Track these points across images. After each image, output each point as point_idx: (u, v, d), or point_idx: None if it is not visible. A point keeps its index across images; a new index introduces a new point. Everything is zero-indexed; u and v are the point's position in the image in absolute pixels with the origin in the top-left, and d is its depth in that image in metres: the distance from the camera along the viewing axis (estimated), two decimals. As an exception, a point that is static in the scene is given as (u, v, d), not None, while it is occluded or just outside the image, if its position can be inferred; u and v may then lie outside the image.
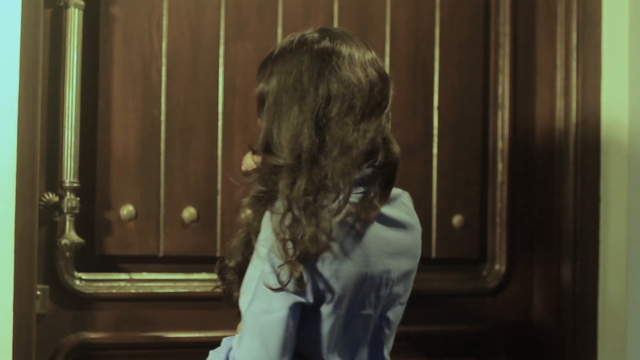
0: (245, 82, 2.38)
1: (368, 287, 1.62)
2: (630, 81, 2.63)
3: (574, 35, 2.64)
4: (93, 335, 2.27)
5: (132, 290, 2.30)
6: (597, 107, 2.64)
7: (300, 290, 1.54)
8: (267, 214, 1.57)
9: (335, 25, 2.45)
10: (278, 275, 1.53)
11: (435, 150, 2.55)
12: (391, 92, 1.67)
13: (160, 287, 2.33)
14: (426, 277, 2.52)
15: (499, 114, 2.63)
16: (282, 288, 1.53)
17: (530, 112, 2.66)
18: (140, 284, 2.32)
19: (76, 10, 2.21)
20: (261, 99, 1.67)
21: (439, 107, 2.57)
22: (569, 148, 2.63)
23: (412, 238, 1.71)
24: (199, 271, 2.36)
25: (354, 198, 1.60)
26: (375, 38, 2.49)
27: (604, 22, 2.65)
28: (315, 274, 1.56)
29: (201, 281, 2.35)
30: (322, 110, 1.59)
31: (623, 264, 2.63)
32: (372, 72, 1.63)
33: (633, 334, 2.60)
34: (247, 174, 1.68)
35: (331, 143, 1.57)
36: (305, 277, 1.54)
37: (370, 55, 1.65)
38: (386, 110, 1.65)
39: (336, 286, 1.57)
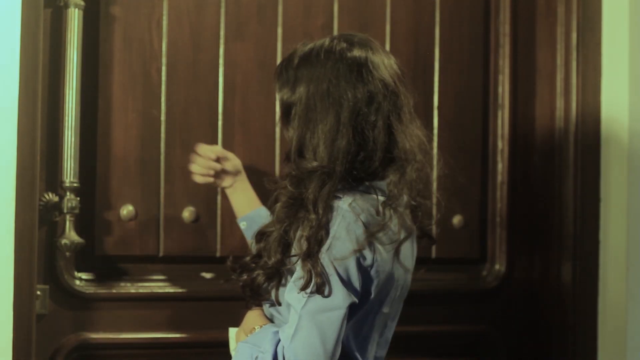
0: (245, 82, 2.38)
1: (393, 288, 1.70)
2: (630, 81, 2.63)
3: (574, 35, 2.64)
4: (93, 335, 2.26)
5: (132, 290, 2.30)
6: (597, 107, 2.64)
7: (354, 289, 1.61)
8: (330, 215, 1.62)
9: (335, 25, 2.45)
10: (338, 274, 1.59)
11: (435, 150, 2.55)
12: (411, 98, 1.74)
13: (160, 287, 2.33)
14: (426, 277, 2.53)
15: (499, 114, 2.63)
16: (348, 286, 1.59)
17: (530, 112, 2.66)
18: (140, 284, 2.31)
19: (76, 10, 2.21)
20: (287, 108, 1.72)
21: (439, 107, 2.57)
22: (569, 148, 2.63)
23: (414, 242, 1.80)
24: (199, 271, 2.36)
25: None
26: (375, 38, 2.45)
27: (604, 22, 2.65)
28: (365, 274, 1.63)
29: (201, 281, 2.35)
30: (361, 115, 1.65)
31: (623, 264, 2.63)
32: (398, 78, 1.71)
33: (633, 334, 2.60)
34: (277, 179, 1.74)
35: (379, 146, 1.66)
36: (359, 277, 1.61)
37: (393, 60, 1.74)
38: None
39: (375, 287, 1.65)
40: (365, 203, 1.65)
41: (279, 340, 1.64)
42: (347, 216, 1.62)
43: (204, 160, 2.12)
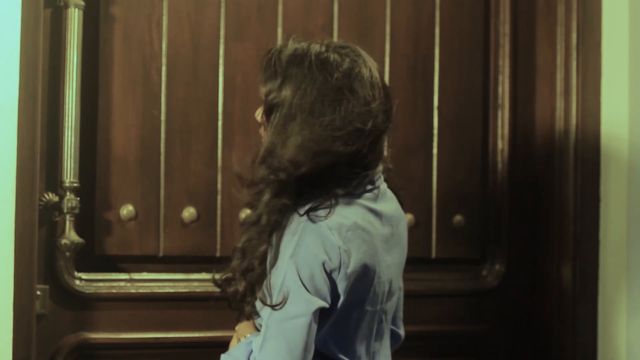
0: (245, 82, 2.38)
1: (375, 284, 1.67)
2: (630, 81, 2.63)
3: (574, 35, 2.64)
4: (93, 335, 2.26)
5: (132, 290, 2.30)
6: (597, 107, 2.64)
7: (322, 294, 1.60)
8: (292, 223, 1.61)
9: (335, 25, 2.45)
10: (301, 281, 1.58)
11: (435, 150, 2.55)
12: (393, 110, 1.73)
13: (160, 287, 2.33)
14: (426, 277, 2.53)
15: (499, 114, 2.63)
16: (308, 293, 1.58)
17: (530, 112, 2.66)
18: (140, 284, 2.32)
19: (76, 10, 2.21)
20: (270, 108, 1.71)
21: (439, 107, 2.57)
22: (569, 148, 2.63)
23: (402, 230, 1.78)
24: (199, 271, 2.36)
25: (363, 199, 1.67)
26: (375, 38, 2.49)
27: (604, 22, 2.65)
28: (332, 278, 1.61)
29: (201, 281, 2.35)
30: (334, 131, 1.63)
31: (623, 264, 2.63)
32: (383, 95, 1.68)
33: (633, 334, 2.60)
34: (250, 184, 1.70)
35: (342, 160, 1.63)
36: (327, 281, 1.60)
37: (378, 74, 1.70)
38: (388, 129, 1.71)
39: (347, 289, 1.62)
40: (337, 207, 1.64)
41: (252, 351, 1.64)
42: (310, 222, 1.61)
43: None
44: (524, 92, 2.65)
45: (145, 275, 2.33)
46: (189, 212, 2.33)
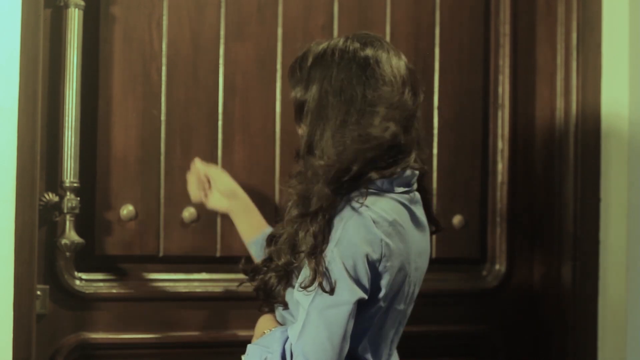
0: (245, 82, 2.38)
1: (405, 283, 1.71)
2: (630, 81, 2.63)
3: (574, 35, 2.64)
4: (93, 335, 2.26)
5: (132, 290, 2.30)
6: (597, 107, 2.64)
7: (362, 285, 1.62)
8: (338, 212, 1.64)
9: (335, 25, 2.45)
10: (346, 270, 1.60)
11: (435, 150, 2.55)
12: (421, 94, 1.76)
13: (160, 287, 2.33)
14: (426, 277, 2.51)
15: (499, 114, 2.63)
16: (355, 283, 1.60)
17: (530, 112, 2.66)
18: (140, 284, 2.31)
19: (76, 10, 2.21)
20: (300, 106, 1.75)
21: (439, 107, 2.57)
22: (569, 148, 2.63)
23: (427, 237, 1.82)
24: (199, 271, 2.36)
25: (401, 198, 1.71)
26: (375, 38, 2.49)
27: (604, 22, 2.65)
28: (373, 270, 1.64)
29: (201, 281, 2.35)
30: (369, 113, 1.66)
31: (623, 264, 2.63)
32: (408, 76, 1.73)
33: (633, 334, 2.60)
34: (288, 179, 1.75)
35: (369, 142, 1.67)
36: (368, 272, 1.62)
37: (403, 60, 1.76)
38: (417, 112, 1.75)
39: (385, 283, 1.66)
40: (376, 200, 1.67)
41: (287, 338, 1.65)
42: (356, 213, 1.63)
43: (194, 177, 2.14)
44: (524, 92, 2.65)
45: (145, 275, 2.33)
46: (189, 212, 2.33)
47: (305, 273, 1.64)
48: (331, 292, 1.59)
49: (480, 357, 2.62)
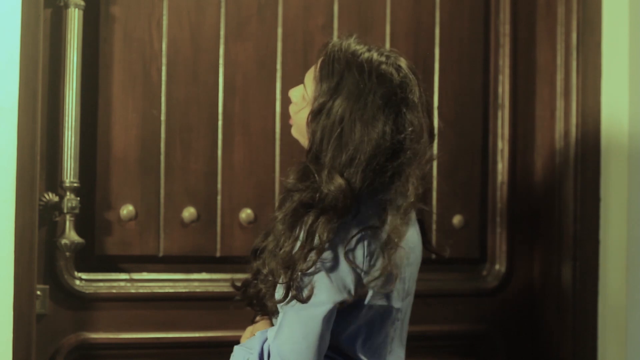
0: (245, 82, 2.38)
1: (399, 281, 1.70)
2: (630, 81, 2.63)
3: (574, 35, 2.64)
4: (93, 335, 2.27)
5: (132, 290, 2.30)
6: (597, 107, 2.64)
7: (347, 287, 1.61)
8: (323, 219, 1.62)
9: (335, 25, 2.45)
10: (325, 272, 1.59)
11: (435, 151, 2.55)
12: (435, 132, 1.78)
13: (160, 287, 2.33)
14: (426, 277, 2.51)
15: (499, 114, 2.63)
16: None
17: (530, 112, 2.66)
18: (140, 284, 2.32)
19: (76, 10, 2.21)
20: (320, 107, 1.68)
21: (439, 107, 2.57)
22: (569, 148, 2.63)
23: (418, 231, 1.80)
24: (199, 271, 2.36)
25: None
26: (375, 38, 2.49)
27: (604, 22, 2.65)
28: (355, 272, 1.62)
29: (201, 281, 2.35)
30: (381, 154, 1.64)
31: (623, 264, 2.63)
32: (427, 115, 1.72)
33: (633, 334, 2.60)
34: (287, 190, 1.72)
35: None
36: (353, 274, 1.61)
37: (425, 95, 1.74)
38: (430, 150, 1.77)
39: (369, 282, 1.64)
40: (365, 206, 1.66)
41: (266, 339, 1.66)
42: (341, 223, 1.62)
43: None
44: (524, 92, 2.65)
45: (145, 275, 2.33)
46: (189, 212, 2.33)
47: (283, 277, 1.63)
48: (307, 299, 1.59)
49: (480, 357, 2.62)
